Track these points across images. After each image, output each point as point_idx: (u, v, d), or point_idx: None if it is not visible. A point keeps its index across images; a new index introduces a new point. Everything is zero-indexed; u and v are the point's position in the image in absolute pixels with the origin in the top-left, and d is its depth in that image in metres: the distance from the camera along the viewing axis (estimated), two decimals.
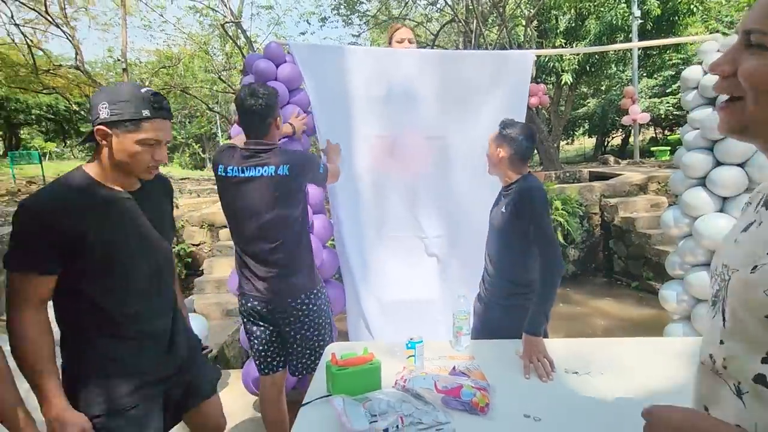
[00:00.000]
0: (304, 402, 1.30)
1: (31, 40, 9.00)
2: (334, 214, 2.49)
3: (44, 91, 10.66)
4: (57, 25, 8.73)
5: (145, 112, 1.11)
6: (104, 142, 1.12)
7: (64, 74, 10.33)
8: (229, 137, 2.25)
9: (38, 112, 15.88)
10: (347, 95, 2.38)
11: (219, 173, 1.73)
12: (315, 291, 1.82)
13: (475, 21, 7.99)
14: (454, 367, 1.42)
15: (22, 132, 17.61)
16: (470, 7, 8.34)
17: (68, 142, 19.44)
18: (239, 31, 9.04)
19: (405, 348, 1.45)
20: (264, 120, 1.70)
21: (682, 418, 0.56)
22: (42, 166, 10.32)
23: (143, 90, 1.13)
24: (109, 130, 1.11)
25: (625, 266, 5.34)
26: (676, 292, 2.52)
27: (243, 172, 1.70)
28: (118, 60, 9.72)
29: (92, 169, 1.16)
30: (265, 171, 1.68)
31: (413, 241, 2.52)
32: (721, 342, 0.58)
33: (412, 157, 2.46)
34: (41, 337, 1.09)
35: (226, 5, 8.57)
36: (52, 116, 16.71)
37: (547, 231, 1.59)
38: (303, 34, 13.52)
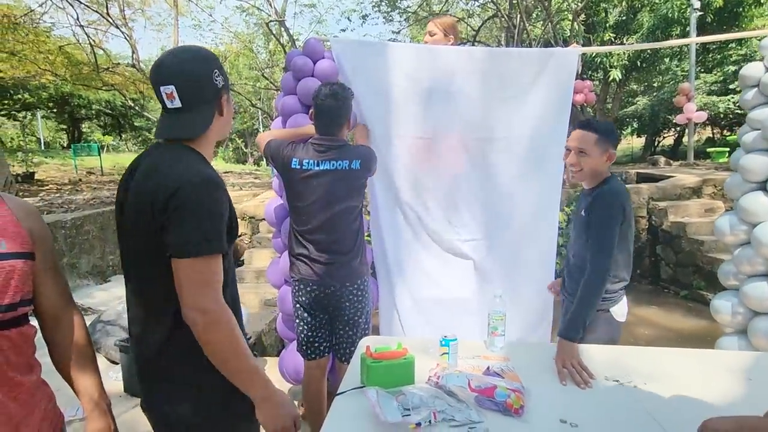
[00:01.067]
0: (339, 392, 1.33)
1: (93, 40, 9.63)
2: (372, 210, 2.51)
3: (103, 88, 11.38)
4: (116, 26, 9.30)
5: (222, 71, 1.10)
6: (226, 111, 1.08)
7: (121, 72, 10.99)
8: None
9: (98, 107, 16.99)
10: (387, 92, 2.39)
11: (293, 166, 1.87)
12: (366, 278, 1.97)
13: (518, 16, 7.79)
14: (488, 368, 1.41)
15: (83, 126, 18.93)
16: (514, 1, 8.13)
17: (123, 135, 20.70)
18: (282, 29, 9.27)
19: (439, 345, 1.45)
20: (340, 119, 1.87)
21: (734, 424, 0.52)
22: (101, 158, 11.07)
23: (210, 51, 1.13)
24: (224, 97, 1.07)
25: (673, 274, 5.06)
26: (731, 303, 2.37)
27: (318, 165, 1.84)
28: None
29: (201, 147, 1.06)
30: (339, 165, 1.84)
31: (450, 242, 2.50)
32: None
33: (453, 158, 2.42)
34: (237, 326, 1.00)
35: (271, 4, 8.80)
36: (110, 111, 17.82)
37: (603, 239, 1.54)
38: (343, 30, 13.66)
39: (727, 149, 11.04)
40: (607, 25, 9.76)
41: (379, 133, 2.42)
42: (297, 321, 1.99)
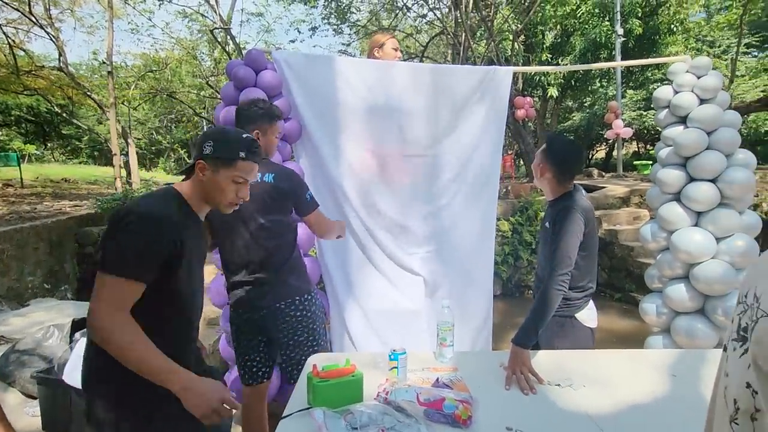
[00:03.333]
0: (284, 415, 1.27)
1: (13, 40, 8.82)
2: None
3: (25, 92, 10.42)
4: (41, 26, 8.59)
5: (242, 154, 1.26)
6: (201, 175, 1.24)
7: (46, 76, 10.14)
8: None
9: (18, 113, 15.52)
10: (333, 106, 2.38)
11: None
12: (307, 295, 1.82)
13: (463, 34, 8.12)
14: (437, 379, 1.41)
15: (0, 133, 17.19)
16: (459, 20, 8.48)
17: (49, 144, 19.03)
18: (228, 37, 9.02)
19: (388, 359, 1.43)
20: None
21: None
22: (20, 169, 10.07)
23: (244, 135, 1.30)
24: (207, 165, 1.24)
25: (608, 278, 5.42)
26: (656, 304, 2.56)
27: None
28: (104, 63, 9.58)
29: (183, 190, 1.26)
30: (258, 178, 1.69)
31: (398, 255, 2.51)
32: (748, 386, 0.49)
33: (399, 173, 2.45)
34: (141, 335, 1.07)
35: (215, 11, 8.55)
36: (33, 118, 16.35)
37: (563, 252, 1.58)
38: (293, 42, 13.60)
39: (651, 162, 12.12)
40: (544, 46, 10.45)
41: (324, 147, 2.40)
42: (235, 344, 1.87)
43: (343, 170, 2.41)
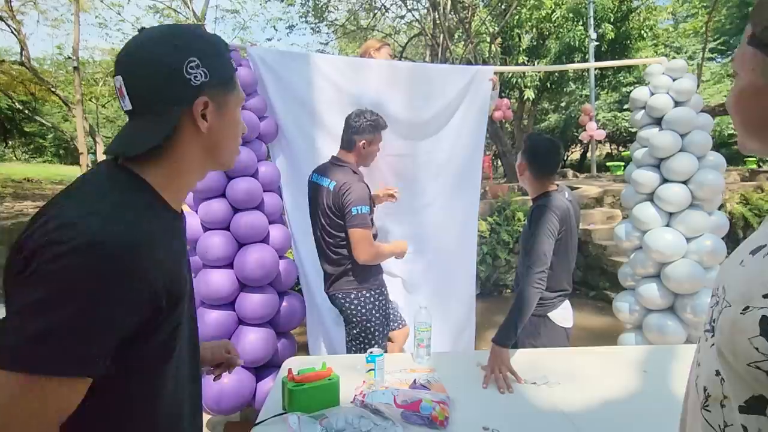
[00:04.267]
0: (257, 421, 1.23)
1: None
2: (294, 226, 2.42)
3: None
4: (1, 18, 8.19)
5: (235, 65, 0.80)
6: (204, 122, 0.69)
7: (6, 70, 9.68)
8: None
9: None
10: (311, 105, 2.33)
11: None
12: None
13: (442, 36, 8.18)
14: (414, 380, 1.40)
15: None
16: (437, 21, 8.54)
17: (10, 142, 18.16)
18: None
19: (365, 361, 1.41)
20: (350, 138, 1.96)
21: None
22: None
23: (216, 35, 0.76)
24: (210, 100, 0.69)
25: (583, 276, 5.54)
26: (629, 302, 2.62)
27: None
28: (69, 58, 9.21)
29: (154, 178, 0.68)
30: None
31: None
32: (717, 374, 0.51)
33: (378, 174, 2.40)
34: None
35: (188, 6, 8.34)
36: None
37: (539, 251, 1.59)
38: (269, 40, 13.32)
39: (623, 163, 12.52)
40: (521, 49, 10.65)
41: (301, 147, 2.35)
42: None
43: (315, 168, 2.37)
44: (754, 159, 8.60)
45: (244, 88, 2.22)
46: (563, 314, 1.77)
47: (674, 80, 2.47)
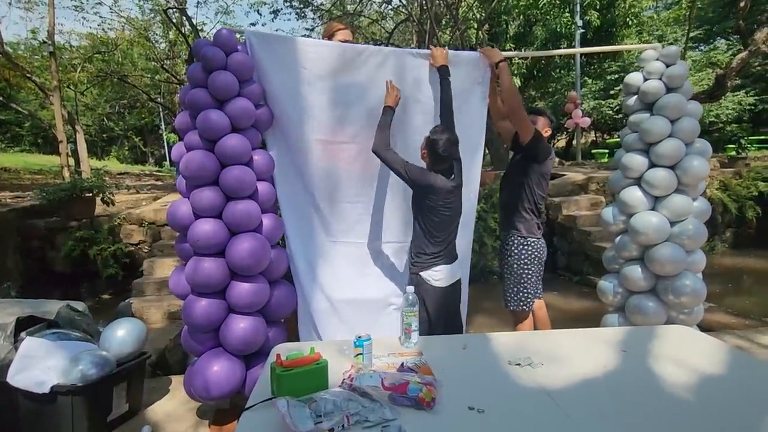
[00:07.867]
0: (247, 406, 1.24)
1: None
2: (285, 214, 2.40)
3: None
4: None
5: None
6: None
7: None
8: (173, 130, 2.12)
9: None
10: (305, 92, 2.27)
11: None
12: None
13: (429, 22, 8.09)
14: (402, 364, 1.42)
15: None
16: (424, 7, 8.44)
17: None
18: (184, 17, 8.58)
19: (353, 346, 1.42)
20: None
21: None
22: None
23: None
24: None
25: (567, 262, 5.64)
26: (612, 284, 2.68)
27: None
28: (44, 42, 8.88)
29: None
30: None
31: (366, 244, 2.48)
32: None
33: (372, 162, 2.35)
34: None
35: None
36: None
37: (395, 160, 2.16)
38: (254, 24, 13.01)
39: (607, 151, 12.66)
40: (508, 36, 10.62)
41: (294, 134, 2.32)
42: None
43: (313, 158, 2.33)
44: (734, 146, 8.78)
45: (241, 73, 2.16)
46: (435, 276, 2.12)
47: (668, 66, 2.50)
